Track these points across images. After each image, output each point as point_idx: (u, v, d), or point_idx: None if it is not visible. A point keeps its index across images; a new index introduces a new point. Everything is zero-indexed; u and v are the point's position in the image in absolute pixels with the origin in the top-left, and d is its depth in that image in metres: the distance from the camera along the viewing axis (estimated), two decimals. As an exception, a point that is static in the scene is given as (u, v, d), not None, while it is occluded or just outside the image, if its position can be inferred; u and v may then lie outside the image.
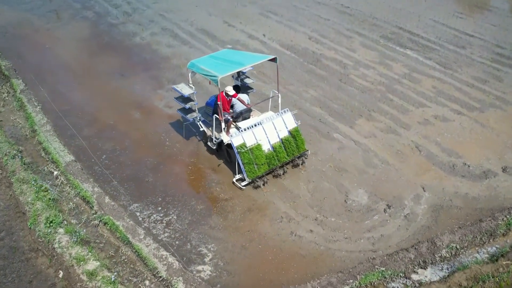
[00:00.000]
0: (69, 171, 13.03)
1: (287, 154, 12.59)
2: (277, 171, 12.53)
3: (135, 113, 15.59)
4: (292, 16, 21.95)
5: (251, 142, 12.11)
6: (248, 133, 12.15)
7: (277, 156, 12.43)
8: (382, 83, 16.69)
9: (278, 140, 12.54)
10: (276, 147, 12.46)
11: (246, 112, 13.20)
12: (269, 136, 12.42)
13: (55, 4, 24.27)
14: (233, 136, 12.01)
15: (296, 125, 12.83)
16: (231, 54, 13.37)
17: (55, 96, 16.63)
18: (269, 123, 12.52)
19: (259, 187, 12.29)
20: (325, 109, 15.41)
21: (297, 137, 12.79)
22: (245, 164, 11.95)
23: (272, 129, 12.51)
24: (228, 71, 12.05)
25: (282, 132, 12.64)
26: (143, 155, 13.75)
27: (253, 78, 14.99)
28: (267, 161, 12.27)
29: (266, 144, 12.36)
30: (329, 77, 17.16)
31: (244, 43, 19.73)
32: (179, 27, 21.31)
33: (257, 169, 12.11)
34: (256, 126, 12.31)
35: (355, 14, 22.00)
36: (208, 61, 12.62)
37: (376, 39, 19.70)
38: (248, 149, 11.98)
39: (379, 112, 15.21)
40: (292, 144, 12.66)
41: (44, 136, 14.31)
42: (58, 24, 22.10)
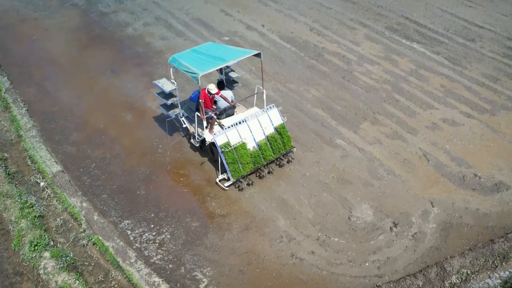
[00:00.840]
0: (56, 183, 12.28)
1: (273, 152, 12.18)
2: (262, 172, 12.18)
3: (127, 115, 14.74)
4: (292, 4, 20.84)
5: (236, 140, 11.71)
6: (233, 131, 11.71)
7: (262, 154, 12.02)
8: (387, 81, 15.80)
9: (264, 138, 12.13)
10: (262, 145, 12.03)
11: (230, 109, 12.73)
12: (254, 134, 12.01)
13: (43, -11, 23.02)
14: (216, 135, 11.57)
15: (282, 122, 12.35)
16: (215, 49, 12.59)
17: (43, 96, 15.74)
18: (254, 120, 12.05)
19: (242, 189, 11.93)
20: (327, 111, 14.56)
21: (284, 134, 12.31)
22: (230, 163, 11.57)
23: (257, 126, 12.08)
24: (209, 68, 11.47)
25: (268, 129, 12.20)
26: (135, 164, 12.98)
27: (239, 72, 14.25)
28: (252, 159, 11.87)
29: (251, 142, 11.95)
30: (331, 74, 16.24)
31: (242, 34, 18.71)
32: (173, 16, 20.22)
33: (242, 169, 11.73)
34: (240, 123, 11.85)
35: (358, 2, 20.89)
36: (190, 56, 12.05)
37: (381, 31, 18.68)
38: (233, 148, 11.58)
39: (385, 114, 14.37)
40: (278, 142, 12.23)
41: (30, 143, 13.50)
42: (46, 12, 20.97)
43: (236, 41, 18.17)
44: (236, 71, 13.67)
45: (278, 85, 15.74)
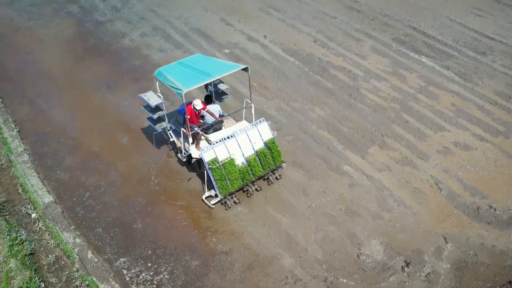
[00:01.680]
0: (48, 215, 11.63)
1: (263, 168, 11.89)
2: (250, 188, 11.84)
3: (123, 137, 14.05)
4: (295, 13, 20.06)
5: (224, 156, 11.38)
6: (221, 146, 11.37)
7: (251, 170, 11.71)
8: (396, 100, 15.10)
9: (253, 153, 11.81)
10: (251, 160, 11.71)
11: (217, 124, 12.41)
12: (243, 149, 11.67)
13: (37, -4, 22.24)
14: (204, 151, 11.20)
15: (272, 136, 12.06)
16: (202, 62, 12.13)
17: (35, 114, 15.05)
18: (243, 134, 11.71)
19: (229, 208, 11.64)
20: (333, 134, 13.88)
21: (273, 149, 12.01)
22: (217, 180, 11.25)
23: (246, 141, 11.74)
24: (194, 84, 11.15)
25: (257, 144, 11.87)
26: (131, 193, 12.32)
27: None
28: (240, 176, 11.57)
29: (240, 158, 11.61)
30: (337, 91, 15.53)
31: (243, 46, 17.97)
32: (172, 26, 19.46)
33: (230, 185, 11.41)
34: (229, 138, 11.50)
35: (364, 11, 20.10)
36: (176, 70, 11.75)
37: (388, 43, 17.94)
38: (221, 164, 11.24)
39: (394, 137, 13.69)
40: (268, 157, 11.95)
41: (21, 169, 12.83)
42: (41, 21, 20.19)
43: (237, 54, 17.44)
44: (225, 83, 13.19)
45: (281, 104, 15.04)
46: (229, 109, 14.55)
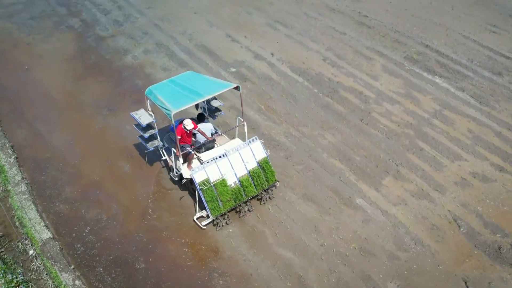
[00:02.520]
0: (46, 253, 11.02)
1: (256, 188, 11.61)
2: (242, 208, 11.58)
3: (125, 165, 13.45)
4: (303, 28, 19.41)
5: (215, 177, 11.13)
6: (212, 166, 11.11)
7: (244, 190, 11.43)
8: (410, 125, 14.45)
9: (246, 173, 11.52)
10: (243, 180, 11.43)
11: (209, 143, 12.24)
12: (235, 169, 11.40)
13: (38, 9, 21.61)
14: (195, 171, 10.94)
15: (266, 155, 11.79)
16: (193, 80, 11.94)
17: (34, 139, 14.46)
18: (235, 154, 11.44)
19: (221, 228, 11.43)
20: (345, 163, 13.24)
21: (267, 169, 11.73)
22: (208, 201, 11.02)
23: (239, 161, 11.47)
24: (183, 105, 10.93)
25: (250, 164, 11.59)
26: (133, 228, 11.72)
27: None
28: (232, 196, 11.32)
29: (232, 178, 11.35)
30: (348, 115, 14.89)
31: (249, 65, 17.34)
32: (176, 42, 18.83)
33: (222, 206, 11.18)
34: (221, 158, 11.25)
35: (374, 26, 19.44)
36: (166, 89, 11.61)
37: (400, 62, 17.29)
38: (212, 185, 10.99)
39: (409, 167, 13.05)
40: (261, 177, 11.67)
41: (19, 201, 12.24)
42: (41, 35, 19.60)
43: (243, 74, 16.82)
44: (219, 100, 12.86)
45: (290, 129, 14.42)
46: (223, 126, 14.16)
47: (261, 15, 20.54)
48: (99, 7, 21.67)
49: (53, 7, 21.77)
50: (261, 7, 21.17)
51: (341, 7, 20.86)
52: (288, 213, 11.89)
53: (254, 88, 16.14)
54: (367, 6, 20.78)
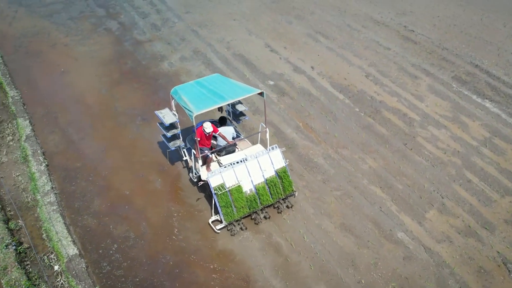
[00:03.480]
0: (71, 270, 10.67)
1: (272, 197, 11.50)
2: (258, 216, 11.46)
3: (156, 180, 13.01)
4: (345, 41, 18.64)
5: (231, 183, 11.08)
6: (229, 172, 11.08)
7: (259, 198, 11.34)
8: (457, 153, 13.55)
9: (263, 181, 11.44)
10: (260, 188, 11.34)
11: (230, 147, 12.16)
12: (252, 176, 11.33)
13: (77, 9, 21.50)
14: (210, 175, 10.92)
15: (285, 165, 11.62)
16: (219, 83, 11.90)
17: (66, 146, 14.18)
18: (253, 161, 11.36)
19: (234, 234, 11.26)
20: (387, 191, 12.47)
21: (284, 179, 11.59)
22: (222, 207, 10.97)
23: (256, 168, 11.39)
24: (206, 107, 10.92)
25: (268, 172, 11.49)
26: (160, 249, 11.25)
27: (246, 106, 13.15)
28: (247, 204, 11.24)
29: (249, 185, 11.28)
30: (391, 139, 14.09)
31: (288, 78, 16.71)
32: (213, 49, 18.34)
33: (236, 212, 11.11)
34: (238, 163, 11.18)
35: (421, 42, 18.51)
36: (192, 90, 11.65)
37: (448, 82, 16.34)
38: (227, 190, 10.95)
39: (455, 200, 12.19)
40: (278, 186, 11.54)
41: (47, 212, 11.93)
42: (78, 37, 19.42)
43: (281, 87, 16.20)
44: (244, 104, 12.78)
45: (329, 150, 13.72)
46: (247, 130, 13.94)
47: (302, 25, 19.86)
48: (138, 10, 21.40)
49: (92, 8, 21.61)
50: (302, 16, 20.49)
51: (386, 20, 19.97)
52: (324, 243, 11.22)
53: (292, 104, 15.50)
54: (414, 20, 19.85)
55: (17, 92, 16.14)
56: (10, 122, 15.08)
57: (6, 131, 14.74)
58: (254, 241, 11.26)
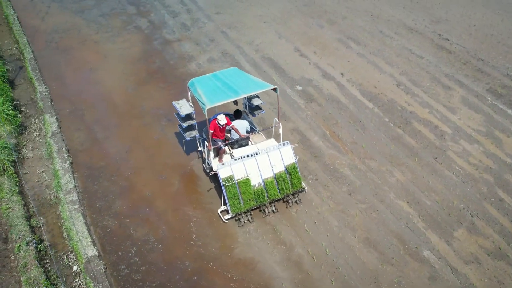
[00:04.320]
0: (90, 272, 10.62)
1: (280, 192, 11.68)
2: (266, 209, 11.66)
3: (177, 182, 12.91)
4: (377, 48, 18.18)
5: (240, 175, 11.34)
6: (239, 164, 11.35)
7: (267, 192, 11.55)
8: (489, 170, 13.02)
9: (272, 176, 11.65)
10: (268, 183, 11.55)
11: (243, 140, 12.38)
12: (261, 170, 11.56)
13: (108, 6, 21.60)
14: (220, 167, 11.24)
15: (294, 161, 11.78)
16: (235, 77, 12.08)
17: (91, 144, 14.19)
18: (264, 155, 11.59)
19: (242, 225, 11.52)
20: (414, 207, 12.05)
21: (293, 175, 11.74)
22: (230, 198, 11.24)
23: (266, 163, 11.62)
24: (219, 101, 11.14)
25: (277, 167, 11.71)
26: (180, 254, 11.13)
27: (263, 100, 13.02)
28: (255, 197, 11.45)
29: (257, 178, 11.52)
30: (421, 152, 13.63)
31: (317, 84, 16.38)
32: (242, 52, 18.14)
33: (243, 205, 11.35)
34: (248, 157, 11.43)
35: (455, 52, 17.91)
36: (207, 82, 11.90)
37: (482, 95, 15.75)
38: (235, 182, 11.22)
39: (485, 219, 11.69)
40: (286, 182, 11.71)
41: (68, 211, 11.94)
42: (108, 34, 19.49)
43: (310, 93, 15.89)
44: (260, 98, 12.80)
45: (356, 161, 13.35)
46: (265, 125, 13.95)
47: (333, 30, 19.48)
48: (168, 8, 21.36)
49: (123, 6, 21.68)
50: (333, 20, 20.10)
51: (420, 27, 19.42)
52: (346, 258, 10.90)
53: (320, 111, 15.18)
54: (449, 28, 19.24)
55: (45, 88, 16.25)
56: (38, 118, 15.17)
57: (33, 127, 14.84)
58: (275, 253, 11.01)
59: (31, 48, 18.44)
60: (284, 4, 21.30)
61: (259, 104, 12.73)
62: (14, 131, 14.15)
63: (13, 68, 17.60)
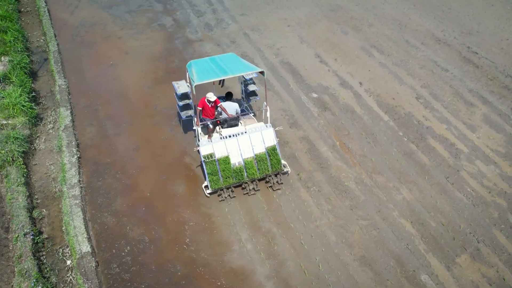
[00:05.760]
0: (81, 268, 10.74)
1: (258, 172, 12.25)
2: (247, 187, 12.25)
3: (179, 184, 12.90)
4: (400, 58, 17.63)
5: (221, 153, 12.09)
6: (220, 143, 12.14)
7: (246, 172, 12.15)
8: (503, 194, 12.39)
9: (252, 156, 12.32)
10: (248, 162, 12.21)
11: (232, 121, 13.03)
12: (242, 150, 12.27)
13: (136, 3, 21.85)
14: (202, 145, 12.03)
15: (275, 143, 12.42)
16: (229, 61, 12.79)
17: (100, 140, 14.37)
18: (245, 136, 12.32)
19: (224, 200, 12.19)
20: (417, 227, 11.59)
21: (273, 156, 12.34)
22: (209, 174, 11.95)
23: (247, 143, 12.32)
24: (206, 79, 11.86)
25: (258, 148, 12.38)
26: (171, 257, 11.10)
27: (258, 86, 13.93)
28: (234, 174, 12.08)
29: (238, 158, 12.22)
30: (432, 170, 13.11)
31: (333, 92, 16.04)
32: (261, 55, 17.97)
33: (222, 181, 11.99)
34: (230, 137, 12.23)
35: (483, 66, 17.15)
36: (203, 64, 12.65)
37: (506, 113, 15.02)
38: (215, 160, 11.95)
39: (492, 246, 11.11)
40: (266, 163, 12.31)
41: (69, 205, 12.11)
42: (132, 31, 19.71)
43: (325, 101, 15.58)
44: (256, 85, 13.60)
45: (363, 175, 12.97)
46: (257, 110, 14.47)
47: (357, 37, 19.02)
48: (194, 8, 21.41)
49: (151, 3, 21.88)
50: (359, 27, 19.63)
51: (449, 39, 18.70)
52: (339, 276, 10.60)
53: (332, 120, 14.83)
54: (479, 41, 18.45)
55: (64, 81, 16.56)
56: (54, 110, 15.48)
57: (49, 119, 15.14)
58: (267, 265, 10.83)
59: (57, 41, 18.83)
60: (311, 8, 20.98)
61: (254, 90, 13.35)
62: (28, 122, 14.45)
63: (38, 60, 18.02)
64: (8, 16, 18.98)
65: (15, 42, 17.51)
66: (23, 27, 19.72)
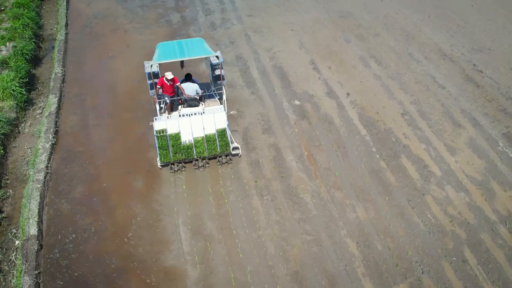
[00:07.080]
0: (24, 250, 11.24)
1: (207, 151, 13.05)
2: (197, 163, 13.15)
3: (139, 179, 13.15)
4: (397, 71, 17.02)
5: (173, 130, 13.03)
6: (173, 121, 13.07)
7: (195, 150, 13.01)
8: (465, 225, 11.75)
9: (202, 136, 13.14)
10: (197, 141, 13.07)
11: (191, 101, 13.84)
12: (193, 130, 13.13)
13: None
14: (156, 120, 13.04)
15: (226, 127, 13.15)
16: (194, 45, 13.74)
17: (80, 129, 14.93)
18: (197, 117, 13.18)
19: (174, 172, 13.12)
20: (361, 249, 11.24)
21: (221, 139, 13.10)
22: (159, 148, 12.93)
23: (199, 124, 13.15)
24: (164, 60, 13.05)
25: (208, 129, 13.19)
26: (110, 250, 11.41)
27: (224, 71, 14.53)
28: (183, 151, 12.97)
29: (188, 136, 13.08)
30: (396, 191, 12.62)
31: (317, 101, 15.77)
32: (256, 57, 17.92)
33: (172, 156, 12.89)
34: (183, 116, 13.17)
35: (484, 86, 16.23)
36: (168, 47, 13.63)
37: (494, 139, 14.15)
38: (166, 135, 12.93)
39: (436, 279, 10.64)
40: (215, 144, 13.07)
41: (31, 189, 12.69)
42: (140, 25, 20.22)
43: (305, 110, 15.36)
44: (223, 70, 14.06)
45: (321, 188, 12.71)
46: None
47: (359, 46, 18.53)
48: (205, 6, 21.64)
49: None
50: (363, 36, 19.11)
51: (456, 54, 17.83)
52: (265, 289, 10.42)
53: (307, 130, 14.59)
54: (488, 59, 17.47)
55: (61, 70, 17.26)
56: (46, 97, 16.17)
57: (39, 105, 15.88)
58: (198, 269, 10.86)
59: (67, 31, 19.62)
60: (320, 13, 20.64)
61: (219, 75, 13.94)
62: (16, 106, 15.19)
63: (47, 47, 18.86)
64: (25, 4, 19.93)
65: (24, 29, 18.37)
66: (41, 15, 20.69)
